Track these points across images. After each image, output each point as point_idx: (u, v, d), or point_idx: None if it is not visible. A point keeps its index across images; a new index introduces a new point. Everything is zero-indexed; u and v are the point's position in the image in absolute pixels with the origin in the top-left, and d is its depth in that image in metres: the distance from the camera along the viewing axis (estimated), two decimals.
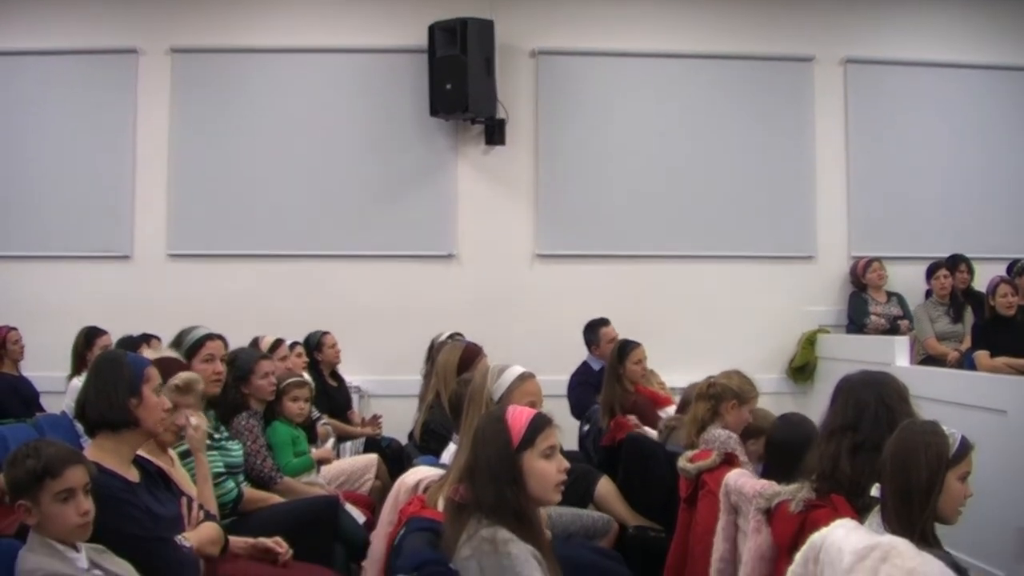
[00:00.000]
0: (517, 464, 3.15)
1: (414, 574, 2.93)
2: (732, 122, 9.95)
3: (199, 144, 9.78)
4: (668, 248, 9.84)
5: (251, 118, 9.79)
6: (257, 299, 9.48)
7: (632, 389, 7.06)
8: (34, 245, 9.64)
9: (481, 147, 9.81)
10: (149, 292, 9.52)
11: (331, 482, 6.51)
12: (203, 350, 5.17)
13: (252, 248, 9.72)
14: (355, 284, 9.69)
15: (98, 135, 9.74)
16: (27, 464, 3.07)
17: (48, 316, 9.15)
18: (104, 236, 9.70)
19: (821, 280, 10.04)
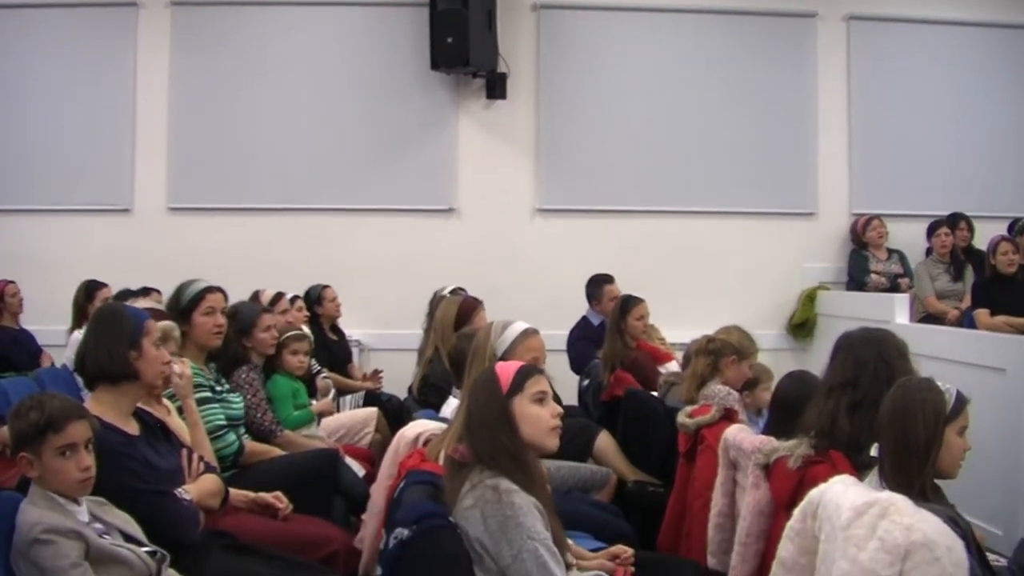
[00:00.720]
0: (508, 410, 3.18)
1: (414, 526, 2.94)
2: (734, 78, 9.89)
3: (199, 98, 9.74)
4: (669, 203, 9.81)
5: (251, 71, 9.75)
6: (257, 253, 9.46)
7: (633, 345, 7.06)
8: (34, 198, 9.61)
9: (482, 101, 9.77)
10: (149, 245, 9.50)
11: (331, 435, 6.53)
12: (204, 303, 5.14)
13: (252, 202, 9.70)
14: (355, 238, 9.68)
15: (98, 88, 9.69)
16: (30, 417, 3.07)
17: (48, 269, 9.14)
18: (104, 189, 9.67)
19: (822, 237, 10.01)
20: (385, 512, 3.64)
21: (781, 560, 3.21)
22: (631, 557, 3.69)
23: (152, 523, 3.38)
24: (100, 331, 3.80)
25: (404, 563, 2.93)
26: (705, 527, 4.58)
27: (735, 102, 9.86)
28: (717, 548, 4.46)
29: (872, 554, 2.74)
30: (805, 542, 3.12)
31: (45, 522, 2.94)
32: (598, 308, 8.18)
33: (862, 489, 3.01)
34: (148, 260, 9.12)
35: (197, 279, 5.30)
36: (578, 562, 3.44)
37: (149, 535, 3.30)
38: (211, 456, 4.55)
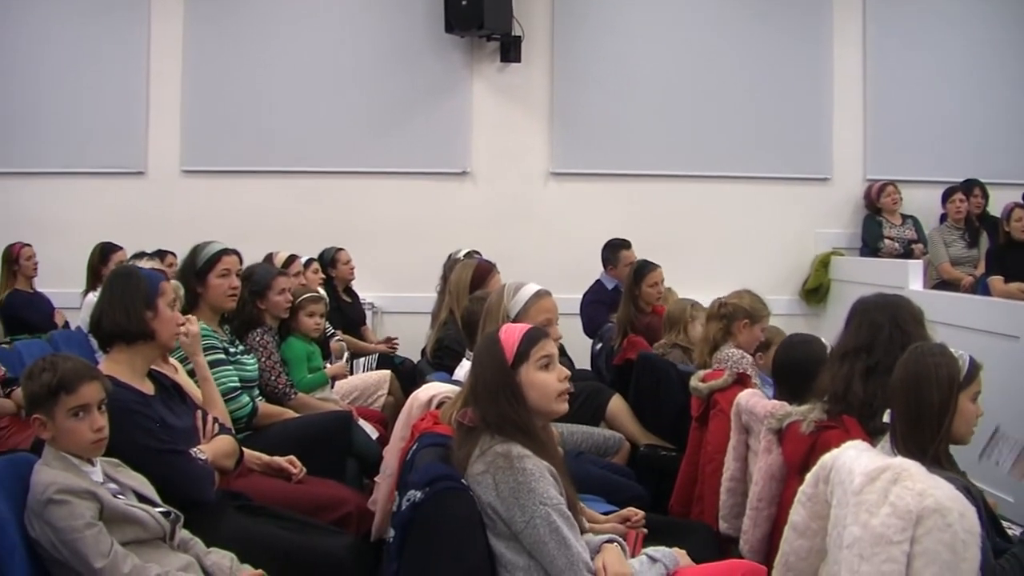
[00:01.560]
0: (514, 379, 3.18)
1: (426, 489, 2.94)
2: (750, 41, 9.84)
3: (213, 60, 9.73)
4: (683, 168, 9.77)
5: (265, 33, 9.74)
6: (271, 215, 9.47)
7: (648, 310, 7.07)
8: (48, 161, 9.62)
9: (496, 64, 9.74)
10: (163, 208, 9.52)
11: (344, 398, 6.55)
12: (219, 265, 5.14)
13: (266, 164, 9.70)
14: (369, 201, 9.68)
15: (112, 51, 9.69)
16: (43, 378, 3.07)
17: (62, 232, 9.17)
18: (118, 152, 9.68)
19: (836, 202, 9.98)
20: (398, 474, 3.65)
21: (793, 524, 3.22)
22: (643, 520, 3.70)
23: (167, 482, 3.40)
24: (116, 291, 3.81)
25: (417, 525, 2.94)
26: (717, 491, 4.59)
27: (750, 66, 9.81)
28: (729, 512, 4.47)
29: (884, 519, 2.75)
30: (817, 507, 3.12)
31: (59, 482, 2.96)
32: (613, 273, 8.18)
33: (875, 454, 3.02)
34: (162, 223, 9.16)
35: (212, 241, 5.30)
36: (591, 525, 3.45)
37: (163, 495, 3.32)
38: (224, 414, 4.56)
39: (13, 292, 8.12)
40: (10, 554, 2.89)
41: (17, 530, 2.96)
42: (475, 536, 2.98)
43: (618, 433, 5.97)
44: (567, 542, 2.93)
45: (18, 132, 9.58)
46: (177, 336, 4.03)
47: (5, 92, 9.59)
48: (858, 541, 2.79)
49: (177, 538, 3.24)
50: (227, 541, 3.39)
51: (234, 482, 4.07)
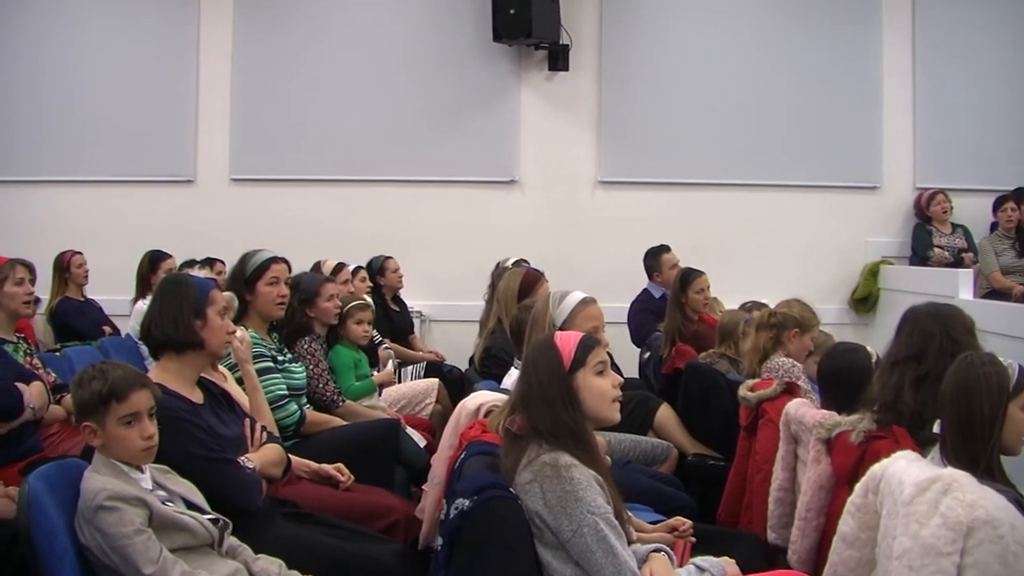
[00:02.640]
0: (571, 384, 3.16)
1: (474, 497, 2.94)
2: (798, 48, 9.78)
3: (261, 69, 9.80)
4: (731, 176, 9.74)
5: (314, 42, 9.79)
6: (320, 223, 9.52)
7: (694, 318, 7.04)
8: (99, 170, 9.73)
9: (544, 73, 9.73)
10: (212, 216, 9.59)
11: (392, 405, 6.56)
12: (267, 273, 5.16)
13: (315, 172, 9.76)
14: (417, 209, 9.71)
15: (162, 60, 9.79)
16: (93, 386, 3.09)
17: (113, 240, 9.24)
18: (168, 161, 9.78)
19: (885, 211, 9.89)
20: (446, 482, 3.65)
21: (842, 535, 3.20)
22: (690, 529, 3.69)
23: (215, 490, 3.41)
24: (166, 300, 3.83)
25: (464, 533, 2.93)
26: (765, 501, 4.56)
27: (800, 73, 9.75)
28: (777, 522, 4.45)
29: (934, 531, 2.73)
30: (866, 517, 3.10)
31: (109, 489, 2.97)
32: (659, 280, 8.18)
33: (925, 465, 3.00)
34: (211, 231, 9.23)
35: (261, 249, 5.33)
36: (638, 535, 3.44)
37: (212, 503, 3.33)
38: (271, 422, 4.60)
39: (64, 300, 8.14)
40: (60, 560, 2.92)
41: (67, 536, 2.98)
42: (523, 545, 2.97)
43: (666, 442, 5.96)
44: (614, 551, 2.92)
45: (70, 141, 9.69)
46: (227, 344, 4.04)
47: (59, 101, 9.72)
48: (908, 552, 2.78)
49: (225, 545, 3.25)
50: (275, 548, 3.41)
51: (282, 490, 4.08)
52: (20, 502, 2.96)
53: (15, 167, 9.77)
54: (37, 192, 9.80)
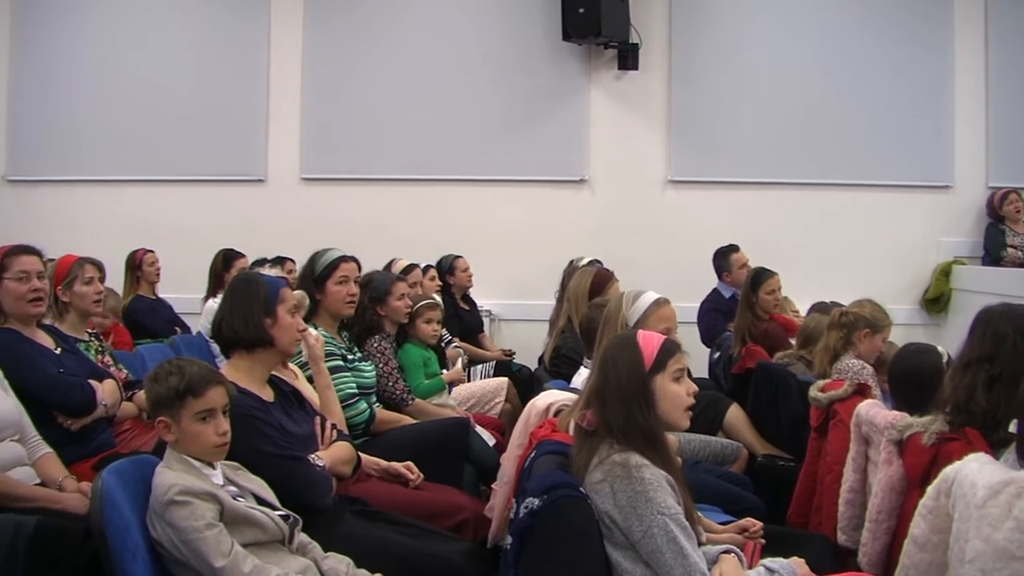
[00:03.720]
0: (648, 386, 3.14)
1: (544, 496, 2.93)
2: (869, 47, 9.69)
3: (332, 69, 9.90)
4: (802, 175, 9.68)
5: (383, 42, 9.86)
6: (389, 222, 9.58)
7: (765, 317, 7.01)
8: (171, 169, 9.88)
9: (614, 72, 9.73)
10: (282, 215, 9.71)
11: (461, 404, 6.58)
12: (337, 272, 5.20)
13: (384, 172, 9.82)
14: (487, 208, 9.75)
15: (233, 61, 9.93)
16: (170, 381, 3.12)
17: (184, 239, 9.37)
18: (239, 160, 9.91)
19: (957, 210, 9.78)
20: (515, 481, 3.65)
21: (913, 538, 3.17)
22: (760, 530, 3.67)
23: (285, 488, 3.44)
24: (236, 298, 3.87)
25: (534, 532, 2.93)
26: (836, 502, 4.53)
27: (870, 71, 9.67)
28: (847, 524, 4.42)
29: (1007, 534, 2.70)
30: (938, 520, 3.08)
31: (181, 484, 3.00)
32: (729, 279, 8.16)
33: (998, 467, 2.96)
34: (281, 229, 9.33)
35: (331, 248, 5.36)
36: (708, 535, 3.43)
37: (282, 500, 3.36)
38: (342, 420, 4.62)
39: (136, 298, 8.21)
40: (132, 555, 2.95)
41: (139, 531, 3.02)
42: (592, 544, 2.96)
43: (736, 442, 5.93)
44: (684, 552, 2.91)
45: (143, 141, 9.85)
46: (297, 342, 4.07)
47: (132, 103, 9.87)
48: (980, 556, 2.75)
49: (296, 541, 3.27)
50: (344, 545, 3.43)
51: (352, 487, 4.11)
52: (93, 497, 2.99)
53: (89, 166, 9.94)
54: (110, 191, 9.95)
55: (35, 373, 4.38)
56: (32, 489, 3.83)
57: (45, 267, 4.70)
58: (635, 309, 4.27)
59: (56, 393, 4.43)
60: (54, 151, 10.09)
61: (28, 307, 4.49)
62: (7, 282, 4.45)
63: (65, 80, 10.08)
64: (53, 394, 4.42)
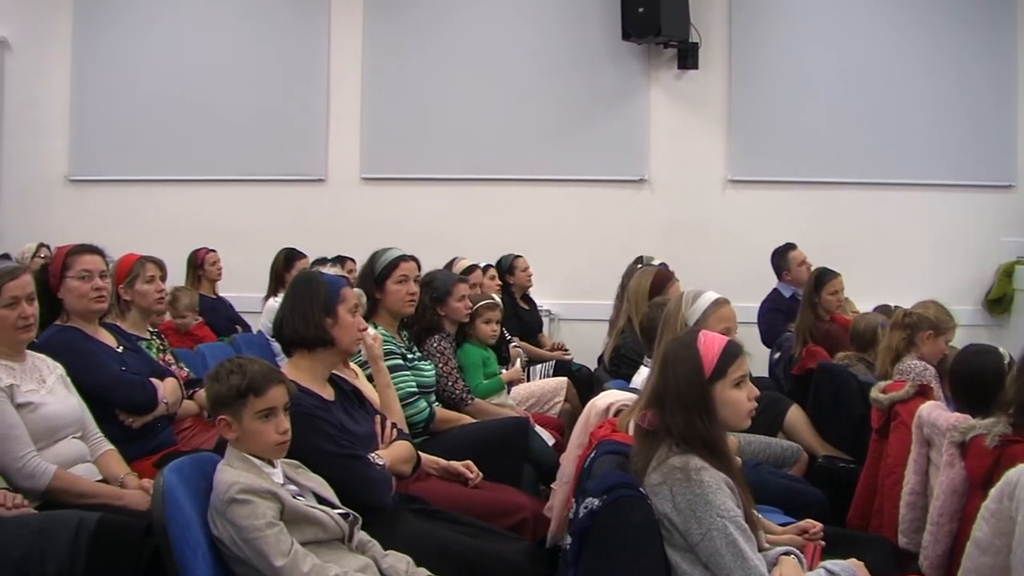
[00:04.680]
0: (709, 394, 3.10)
1: (604, 496, 2.92)
2: (930, 45, 9.59)
3: (391, 69, 9.95)
4: (863, 174, 9.60)
5: (442, 43, 9.91)
6: (449, 222, 9.62)
7: (827, 318, 6.97)
8: (233, 169, 9.98)
9: (673, 71, 9.71)
10: (343, 214, 9.76)
11: (521, 404, 6.59)
12: (397, 271, 5.22)
13: (444, 171, 9.86)
14: (547, 208, 9.76)
15: (294, 62, 10.03)
16: (231, 380, 3.14)
17: (245, 238, 9.45)
18: (300, 160, 9.99)
19: (1020, 209, 9.64)
20: (575, 481, 3.66)
21: (975, 541, 3.15)
22: (821, 532, 3.65)
23: (345, 486, 3.45)
24: (297, 298, 3.90)
25: (594, 532, 2.92)
26: (897, 505, 4.51)
27: (931, 70, 9.58)
28: (909, 527, 4.39)
29: None
30: (1001, 523, 3.06)
31: (242, 482, 3.02)
32: (788, 279, 8.13)
33: None
34: (341, 229, 9.37)
35: (391, 247, 5.38)
36: (768, 537, 3.42)
37: (342, 498, 3.37)
38: (402, 419, 4.63)
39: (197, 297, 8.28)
40: (193, 552, 2.97)
41: (200, 528, 3.04)
42: (652, 545, 2.95)
43: (796, 444, 5.90)
44: (744, 555, 2.89)
45: (204, 141, 9.95)
46: (358, 341, 4.10)
47: (193, 103, 9.97)
48: None
49: (355, 540, 3.28)
50: (404, 544, 3.43)
51: (412, 486, 4.11)
52: (155, 494, 3.02)
53: (151, 167, 10.06)
54: (172, 191, 10.07)
55: (98, 371, 4.43)
56: (94, 486, 3.87)
57: (107, 266, 4.76)
58: (695, 309, 4.25)
59: (118, 391, 4.48)
60: (116, 151, 10.21)
61: (90, 305, 4.55)
62: (70, 281, 4.51)
63: (127, 81, 10.19)
64: (115, 392, 4.47)
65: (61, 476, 3.74)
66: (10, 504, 3.38)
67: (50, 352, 4.23)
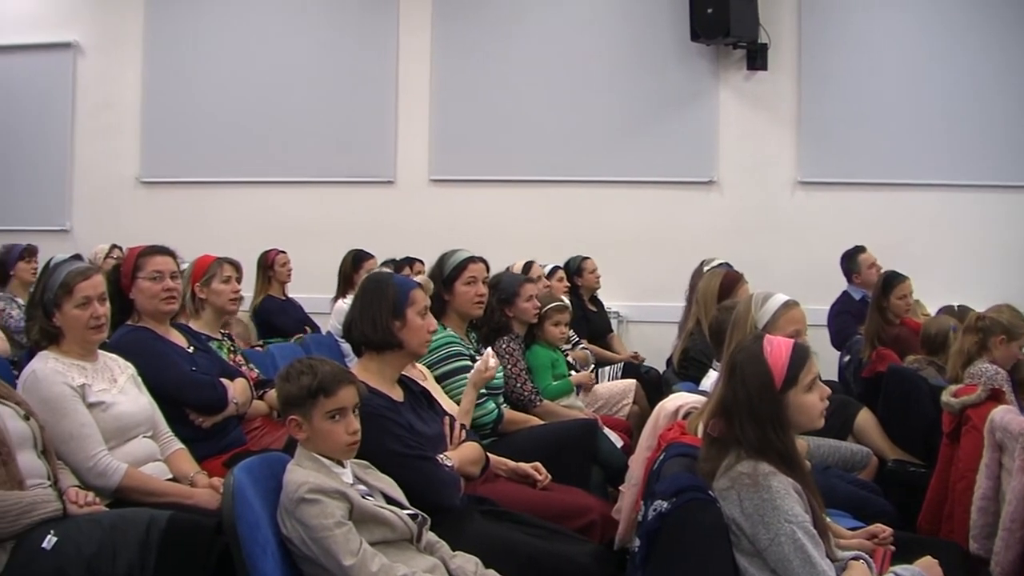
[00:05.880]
0: (782, 405, 3.07)
1: (674, 499, 2.92)
2: (1002, 39, 9.42)
3: (459, 71, 10.01)
4: (933, 175, 9.46)
5: (511, 43, 9.95)
6: (517, 223, 9.66)
7: (896, 321, 6.92)
8: (302, 170, 10.10)
9: (743, 72, 9.67)
10: (411, 216, 9.83)
11: (589, 406, 6.60)
12: (465, 272, 5.24)
13: (513, 173, 9.89)
14: (615, 209, 9.75)
15: (364, 64, 10.12)
16: (302, 380, 3.17)
17: (314, 240, 9.54)
18: (369, 162, 10.07)
19: None
20: (643, 484, 3.65)
21: None
22: (890, 537, 3.63)
23: (414, 487, 3.47)
24: (366, 300, 3.92)
25: (663, 535, 2.92)
26: (968, 510, 4.47)
27: (1005, 69, 9.42)
28: (980, 532, 4.36)
29: None
30: None
31: (311, 482, 3.05)
32: (858, 281, 8.08)
33: None
34: (410, 231, 9.45)
35: (459, 249, 5.41)
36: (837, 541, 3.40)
37: (410, 499, 3.39)
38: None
39: (267, 298, 8.38)
40: (263, 551, 3.01)
41: (270, 527, 3.08)
42: (721, 548, 2.95)
43: (866, 448, 5.86)
44: (812, 560, 2.88)
45: (275, 143, 10.07)
46: (427, 343, 4.10)
47: (262, 104, 10.11)
48: None
49: (424, 540, 3.30)
50: (471, 545, 3.44)
51: (480, 487, 4.13)
52: (225, 493, 3.06)
53: (221, 168, 10.21)
54: (242, 192, 10.20)
55: (169, 371, 4.49)
56: (164, 484, 3.93)
57: (178, 267, 4.83)
58: (764, 312, 4.23)
59: (189, 391, 4.54)
60: (187, 153, 10.37)
61: (161, 306, 4.62)
62: (141, 281, 4.58)
63: (197, 83, 10.35)
64: (186, 392, 4.53)
65: (132, 475, 3.80)
66: (82, 502, 3.42)
67: (121, 352, 4.29)
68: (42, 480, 3.52)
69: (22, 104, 10.69)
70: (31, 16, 10.74)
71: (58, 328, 3.97)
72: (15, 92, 10.71)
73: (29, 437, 3.56)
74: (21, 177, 10.67)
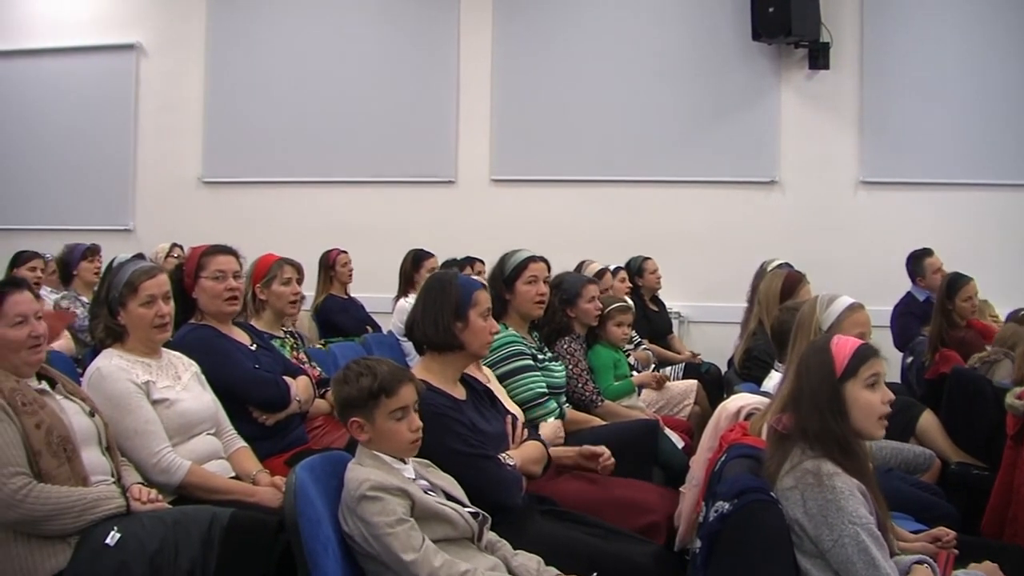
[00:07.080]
0: (840, 393, 3.09)
1: (735, 500, 2.93)
2: None
3: (520, 71, 10.03)
4: (1000, 175, 9.35)
5: (572, 42, 9.94)
6: (578, 223, 9.66)
7: (962, 324, 6.86)
8: (363, 171, 10.18)
9: (804, 72, 9.63)
10: (472, 216, 9.87)
11: (650, 406, 6.60)
12: (526, 272, 5.22)
13: (573, 173, 9.91)
14: (676, 209, 9.74)
15: (425, 65, 10.17)
16: (362, 383, 3.18)
17: (375, 239, 9.59)
18: (430, 162, 10.12)
19: None
20: (704, 485, 3.66)
21: None
22: (954, 540, 3.61)
23: (476, 486, 3.49)
24: (429, 301, 3.92)
25: (724, 537, 2.93)
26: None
27: None
28: None
29: None
30: None
31: (373, 479, 3.07)
32: (923, 284, 8.03)
33: None
34: (471, 230, 9.48)
35: (520, 249, 5.40)
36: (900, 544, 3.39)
37: (472, 498, 3.41)
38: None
39: (328, 297, 8.40)
40: (324, 548, 3.03)
41: (331, 525, 3.11)
42: (783, 550, 2.95)
43: (929, 450, 5.82)
44: (875, 562, 2.87)
45: (337, 143, 10.16)
46: (488, 345, 4.10)
47: (327, 106, 10.20)
48: None
49: (485, 539, 3.31)
50: (533, 544, 3.45)
51: (542, 486, 4.13)
52: (287, 491, 3.09)
53: (283, 168, 10.31)
54: (304, 192, 10.29)
55: (232, 369, 4.54)
56: (227, 482, 3.97)
57: (241, 267, 4.88)
58: (829, 314, 4.22)
59: (252, 389, 4.58)
60: (249, 153, 10.47)
61: (224, 305, 4.67)
62: (204, 281, 4.63)
63: (259, 84, 10.45)
64: (249, 389, 4.57)
65: (195, 472, 3.85)
66: (145, 498, 3.46)
67: (185, 350, 4.34)
68: (106, 477, 3.57)
69: (86, 105, 10.82)
70: (94, 18, 10.87)
71: (123, 326, 4.03)
72: (79, 93, 10.85)
73: (94, 434, 3.61)
74: (84, 178, 10.81)
